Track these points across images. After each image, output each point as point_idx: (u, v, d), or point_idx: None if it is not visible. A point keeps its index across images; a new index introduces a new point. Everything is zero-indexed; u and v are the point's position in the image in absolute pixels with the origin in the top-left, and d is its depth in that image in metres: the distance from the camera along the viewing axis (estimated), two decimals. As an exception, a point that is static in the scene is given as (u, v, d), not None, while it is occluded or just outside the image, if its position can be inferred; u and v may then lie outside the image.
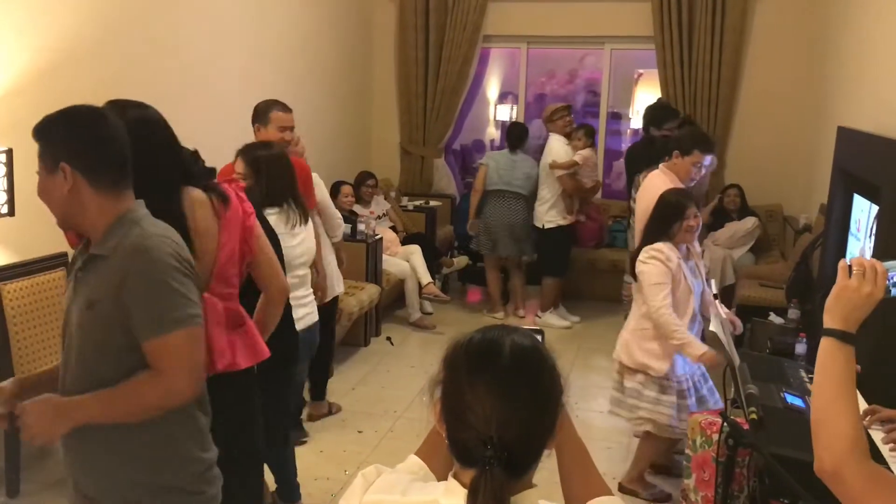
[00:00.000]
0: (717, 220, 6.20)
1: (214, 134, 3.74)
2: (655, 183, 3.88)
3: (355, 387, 4.82)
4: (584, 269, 6.54)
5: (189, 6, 4.55)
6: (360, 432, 4.24)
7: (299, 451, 4.04)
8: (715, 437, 2.88)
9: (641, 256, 3.41)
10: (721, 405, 3.50)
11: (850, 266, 1.50)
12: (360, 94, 7.17)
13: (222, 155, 3.14)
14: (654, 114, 5.83)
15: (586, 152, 5.96)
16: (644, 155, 5.25)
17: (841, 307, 1.49)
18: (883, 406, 2.47)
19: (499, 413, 1.13)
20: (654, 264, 3.35)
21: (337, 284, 4.26)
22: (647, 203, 3.69)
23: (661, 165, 4.06)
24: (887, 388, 2.82)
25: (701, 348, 3.30)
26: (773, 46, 6.44)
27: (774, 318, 4.74)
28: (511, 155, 6.05)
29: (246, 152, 3.20)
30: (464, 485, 1.16)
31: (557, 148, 5.85)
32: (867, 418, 2.44)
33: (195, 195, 2.14)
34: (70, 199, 1.72)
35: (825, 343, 1.49)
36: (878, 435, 2.38)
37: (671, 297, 3.34)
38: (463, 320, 6.16)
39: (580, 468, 1.37)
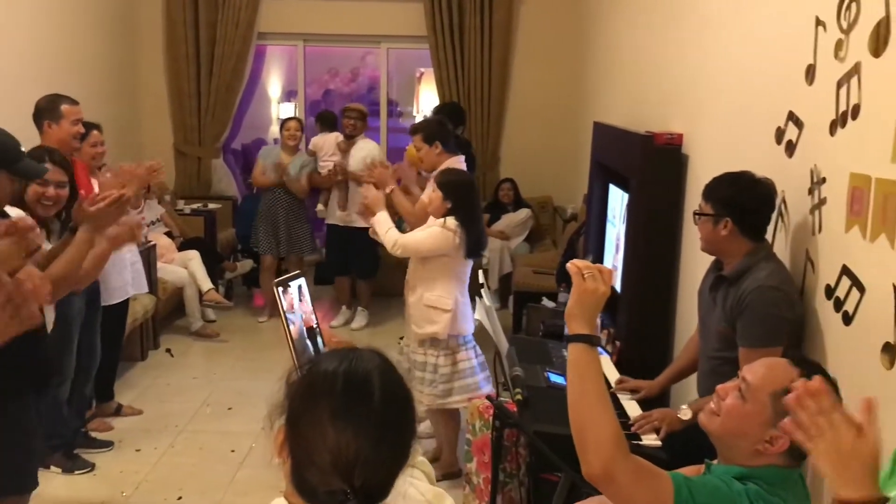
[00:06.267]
0: (494, 212, 6.48)
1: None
2: None
3: (132, 403, 4.50)
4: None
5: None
6: (137, 451, 3.98)
7: (71, 477, 3.76)
8: (492, 420, 3.01)
9: None
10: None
11: (579, 270, 1.57)
12: (126, 93, 6.72)
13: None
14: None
15: (318, 139, 6.16)
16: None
17: (584, 310, 1.55)
18: (631, 377, 2.71)
19: (365, 458, 1.04)
20: None
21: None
22: None
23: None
24: (641, 362, 3.10)
25: None
26: (537, 46, 6.82)
27: (547, 302, 5.02)
28: None
29: None
30: None
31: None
32: (617, 387, 2.67)
33: None
34: None
35: (578, 350, 1.53)
36: (626, 402, 2.61)
37: None
38: (249, 326, 5.98)
39: None
